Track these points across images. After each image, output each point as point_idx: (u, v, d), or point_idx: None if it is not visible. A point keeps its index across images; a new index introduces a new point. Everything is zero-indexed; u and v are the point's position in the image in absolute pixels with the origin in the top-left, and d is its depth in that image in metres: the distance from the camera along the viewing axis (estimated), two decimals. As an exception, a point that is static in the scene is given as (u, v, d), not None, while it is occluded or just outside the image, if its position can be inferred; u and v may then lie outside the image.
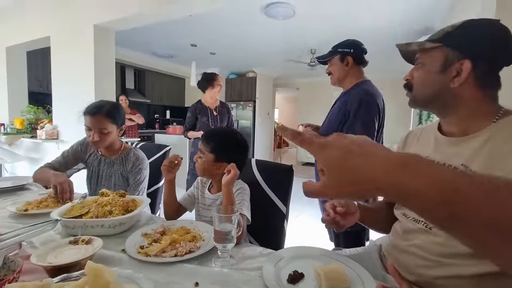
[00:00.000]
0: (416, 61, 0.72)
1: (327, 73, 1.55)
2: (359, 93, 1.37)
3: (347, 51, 1.46)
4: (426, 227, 0.69)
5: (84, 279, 0.50)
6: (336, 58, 1.47)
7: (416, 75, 0.72)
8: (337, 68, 1.48)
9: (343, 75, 1.48)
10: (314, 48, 4.48)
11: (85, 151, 1.44)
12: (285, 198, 1.09)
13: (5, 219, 0.98)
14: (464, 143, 0.66)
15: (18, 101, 3.59)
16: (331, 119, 1.46)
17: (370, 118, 1.32)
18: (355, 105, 1.33)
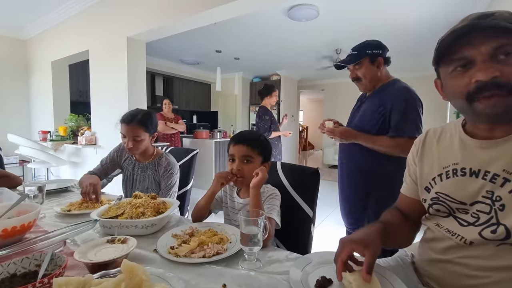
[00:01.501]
0: (502, 50, 0.52)
1: (354, 77, 1.42)
2: (402, 92, 1.29)
3: (376, 52, 1.37)
4: (464, 243, 0.63)
5: (120, 276, 0.53)
6: (367, 61, 1.37)
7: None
8: (368, 72, 1.37)
9: (376, 78, 1.38)
10: (340, 48, 4.39)
11: (120, 156, 1.54)
12: (311, 202, 1.08)
13: (52, 218, 1.07)
14: (500, 146, 0.59)
15: (62, 110, 3.94)
16: (365, 119, 1.37)
17: (419, 116, 1.27)
18: (400, 105, 1.26)
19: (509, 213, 0.56)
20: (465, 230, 0.63)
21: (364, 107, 1.42)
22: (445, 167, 0.68)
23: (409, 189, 0.80)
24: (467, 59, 0.55)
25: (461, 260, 0.64)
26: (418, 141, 0.79)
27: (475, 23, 0.54)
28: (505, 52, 0.51)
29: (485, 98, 0.53)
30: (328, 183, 5.08)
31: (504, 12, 0.54)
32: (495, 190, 0.58)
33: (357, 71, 1.39)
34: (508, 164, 0.57)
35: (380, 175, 1.35)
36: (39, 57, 4.04)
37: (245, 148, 0.99)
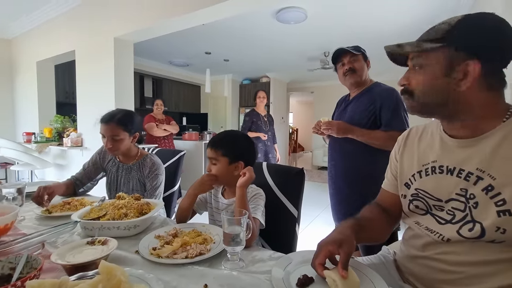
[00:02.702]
0: (412, 63, 0.66)
1: (347, 69, 1.47)
2: (391, 92, 1.41)
3: (366, 54, 1.50)
4: (442, 240, 0.65)
5: (98, 278, 0.53)
6: (361, 57, 1.48)
7: (417, 80, 0.64)
8: (362, 66, 1.47)
9: (365, 76, 1.50)
10: (328, 51, 4.45)
11: (103, 159, 1.51)
12: (296, 202, 1.09)
13: (32, 221, 1.04)
14: (475, 146, 0.61)
15: (47, 111, 3.84)
16: (355, 117, 1.44)
17: (406, 114, 1.37)
18: (391, 102, 1.37)
19: (483, 211, 0.58)
20: (443, 228, 0.65)
21: (353, 107, 1.49)
22: (424, 164, 0.71)
23: (390, 185, 0.83)
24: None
25: (438, 256, 0.66)
26: (401, 138, 0.82)
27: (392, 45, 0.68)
28: (415, 65, 0.65)
29: (404, 98, 0.70)
30: (318, 185, 5.13)
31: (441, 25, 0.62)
32: (469, 188, 0.61)
33: (354, 63, 1.47)
34: (482, 163, 0.59)
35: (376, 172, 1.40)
36: (24, 57, 3.93)
37: (210, 150, 1.03)
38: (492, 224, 0.56)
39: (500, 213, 0.55)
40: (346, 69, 1.47)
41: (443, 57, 0.60)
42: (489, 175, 0.58)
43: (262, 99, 3.50)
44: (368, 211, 0.82)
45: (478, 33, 0.58)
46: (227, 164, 1.01)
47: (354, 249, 0.64)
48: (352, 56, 1.46)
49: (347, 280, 0.61)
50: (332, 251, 0.63)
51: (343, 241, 0.63)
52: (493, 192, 0.57)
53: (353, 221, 0.73)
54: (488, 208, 0.57)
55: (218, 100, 6.61)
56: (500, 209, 0.56)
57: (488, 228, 0.57)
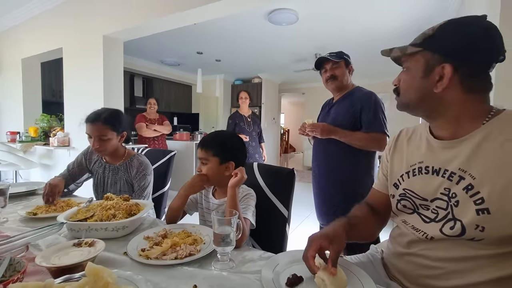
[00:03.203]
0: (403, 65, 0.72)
1: (329, 75, 1.54)
2: (370, 95, 1.48)
3: (349, 60, 1.57)
4: (426, 238, 0.67)
5: (84, 280, 0.52)
6: (343, 63, 1.54)
7: (402, 80, 0.71)
8: (343, 73, 1.54)
9: (346, 81, 1.57)
10: (319, 52, 4.50)
11: (89, 160, 1.47)
12: (287, 202, 1.09)
13: (15, 223, 1.01)
14: (457, 147, 0.64)
15: (33, 110, 3.72)
16: (338, 120, 1.51)
17: (384, 116, 1.46)
18: (370, 105, 1.45)
19: (463, 209, 0.61)
20: (428, 226, 0.67)
21: (336, 110, 1.57)
22: (412, 165, 0.73)
23: (381, 185, 0.86)
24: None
25: (422, 252, 0.69)
26: (391, 139, 0.85)
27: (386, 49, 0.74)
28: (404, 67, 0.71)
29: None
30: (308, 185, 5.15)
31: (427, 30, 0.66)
32: (451, 187, 0.63)
33: (335, 70, 1.54)
34: (463, 163, 0.62)
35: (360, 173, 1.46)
36: (8, 54, 3.81)
37: (200, 150, 1.03)
38: (472, 222, 0.59)
39: (479, 211, 0.58)
40: (328, 76, 1.56)
41: (422, 60, 0.65)
42: (470, 174, 0.60)
43: (244, 100, 3.48)
44: (358, 211, 0.84)
45: (454, 38, 0.61)
46: (218, 164, 1.01)
47: (344, 246, 0.66)
48: (333, 64, 1.54)
49: (336, 279, 0.62)
50: (323, 246, 0.64)
51: (335, 237, 0.65)
52: (472, 191, 0.59)
53: (345, 220, 0.75)
54: (468, 207, 0.60)
55: (209, 100, 6.58)
56: (479, 208, 0.58)
57: (468, 226, 0.59)
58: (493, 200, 0.56)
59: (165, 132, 3.70)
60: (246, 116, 3.49)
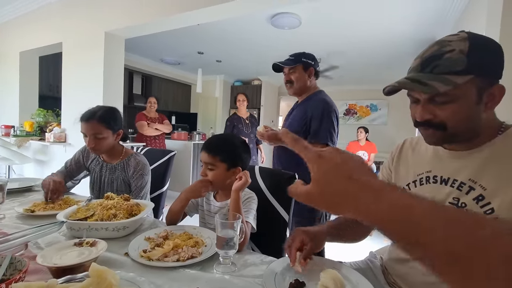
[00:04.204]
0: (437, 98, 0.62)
1: (288, 80, 1.56)
2: (321, 102, 1.48)
3: (310, 62, 1.53)
4: None
5: (88, 281, 0.51)
6: (300, 67, 1.52)
7: (448, 113, 0.61)
8: (300, 77, 1.53)
9: (305, 85, 1.55)
10: (319, 57, 4.52)
11: (86, 157, 1.45)
12: (287, 206, 1.09)
13: (12, 220, 1.00)
14: (467, 157, 0.66)
15: (29, 104, 3.67)
16: (294, 124, 1.53)
17: (333, 125, 1.45)
18: (318, 114, 1.44)
19: None
20: None
21: (294, 115, 1.58)
22: (419, 174, 0.74)
23: None
24: (415, 98, 0.67)
25: None
26: (395, 149, 0.86)
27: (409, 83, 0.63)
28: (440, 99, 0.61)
29: (422, 130, 0.67)
30: (305, 189, 5.17)
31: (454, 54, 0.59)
32: (461, 197, 0.64)
33: (291, 74, 1.54)
34: (473, 174, 0.63)
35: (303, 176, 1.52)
36: (6, 47, 3.75)
37: (207, 155, 1.00)
38: None
39: None
40: (285, 81, 1.58)
41: (473, 86, 0.59)
42: (480, 185, 0.62)
43: (242, 102, 3.51)
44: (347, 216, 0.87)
45: (493, 58, 0.61)
46: (225, 170, 1.00)
47: (321, 249, 0.77)
48: (290, 68, 1.54)
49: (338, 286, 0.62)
50: (305, 241, 0.74)
51: (315, 238, 0.75)
52: (483, 202, 0.61)
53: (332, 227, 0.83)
54: None
55: (208, 101, 6.57)
56: None
57: None
58: (503, 211, 0.58)
59: (166, 131, 3.70)
60: (244, 118, 3.51)
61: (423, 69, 0.62)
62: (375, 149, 4.34)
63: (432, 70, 0.60)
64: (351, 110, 6.89)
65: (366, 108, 6.72)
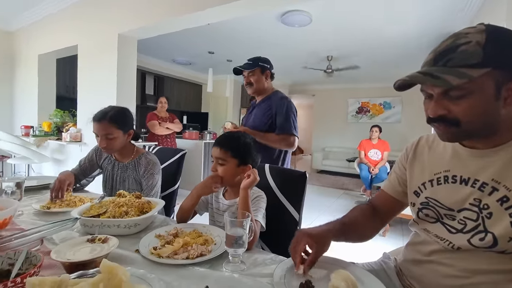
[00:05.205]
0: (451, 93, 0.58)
1: (247, 82, 1.76)
2: (283, 100, 1.68)
3: (266, 66, 1.74)
4: (452, 247, 0.65)
5: (99, 277, 0.52)
6: (258, 71, 1.72)
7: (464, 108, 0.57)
8: (259, 79, 1.73)
9: (263, 86, 1.75)
10: (331, 55, 4.46)
11: (99, 156, 1.48)
12: (298, 205, 1.08)
13: (29, 216, 1.03)
14: (489, 156, 0.62)
15: (47, 105, 3.80)
16: (256, 121, 1.72)
17: (295, 118, 1.66)
18: (282, 110, 1.64)
19: (497, 221, 0.58)
20: (454, 236, 0.65)
21: (256, 112, 1.76)
22: (436, 173, 0.71)
23: (391, 187, 0.84)
24: (428, 93, 0.63)
25: (446, 260, 0.67)
26: (410, 146, 0.81)
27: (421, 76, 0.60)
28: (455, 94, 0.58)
29: (435, 126, 0.63)
30: (316, 188, 5.12)
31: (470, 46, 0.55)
32: (482, 198, 0.61)
33: (251, 77, 1.74)
34: (497, 174, 0.60)
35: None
36: (25, 50, 3.90)
37: (219, 150, 1.01)
38: (505, 235, 0.57)
39: None
40: (245, 83, 1.77)
41: (491, 80, 0.55)
42: (505, 186, 0.58)
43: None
44: (359, 212, 0.85)
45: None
46: (236, 166, 1.00)
47: (325, 251, 0.71)
48: (249, 72, 1.73)
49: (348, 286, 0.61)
50: (309, 244, 0.69)
51: (320, 241, 0.70)
52: (508, 203, 0.57)
53: (338, 226, 0.77)
54: (502, 219, 0.58)
55: (219, 100, 6.61)
56: None
57: (500, 238, 0.57)
58: None
59: (177, 130, 3.75)
60: None
61: (436, 62, 0.59)
62: (388, 147, 4.23)
63: (446, 63, 0.57)
64: (363, 108, 6.76)
65: (379, 106, 6.58)
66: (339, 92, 6.97)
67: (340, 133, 7.11)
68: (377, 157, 4.24)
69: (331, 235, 0.73)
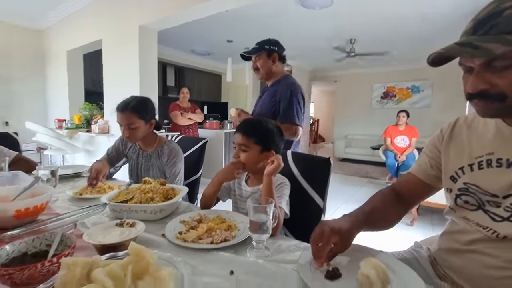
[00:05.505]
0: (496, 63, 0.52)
1: (253, 68, 1.69)
2: (289, 86, 1.57)
3: (273, 48, 1.64)
4: (496, 237, 0.59)
5: (128, 259, 0.53)
6: (264, 55, 1.64)
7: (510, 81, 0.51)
8: (265, 64, 1.64)
9: (270, 70, 1.66)
10: (354, 37, 4.25)
11: (125, 145, 1.53)
12: (322, 192, 1.05)
13: (64, 202, 1.09)
14: None
15: (77, 99, 4.01)
16: (263, 107, 1.66)
17: (300, 106, 1.56)
18: (286, 96, 1.55)
19: None
20: (499, 225, 0.60)
21: (264, 98, 1.69)
22: (477, 157, 0.64)
23: (421, 170, 0.79)
24: (467, 67, 0.56)
25: (489, 250, 0.61)
26: (446, 127, 0.74)
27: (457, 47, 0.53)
28: (499, 64, 0.51)
29: (475, 103, 0.57)
30: (338, 176, 5.02)
31: None
32: None
33: (257, 62, 1.66)
34: None
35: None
36: (55, 47, 4.10)
37: (241, 136, 0.99)
38: None
39: None
40: (253, 68, 1.70)
41: None
42: None
43: None
44: (380, 200, 0.80)
45: None
46: (259, 153, 0.99)
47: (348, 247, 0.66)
48: (256, 56, 1.66)
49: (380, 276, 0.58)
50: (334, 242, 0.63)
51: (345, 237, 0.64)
52: None
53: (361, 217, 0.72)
54: None
55: (238, 89, 6.59)
56: None
57: None
58: None
59: (198, 120, 3.81)
60: None
61: (476, 31, 0.52)
62: (416, 133, 4.01)
63: (489, 30, 0.51)
64: (389, 93, 6.44)
65: (406, 90, 6.23)
66: (363, 77, 6.66)
67: (364, 119, 6.85)
68: (404, 144, 4.04)
69: (356, 230, 0.68)
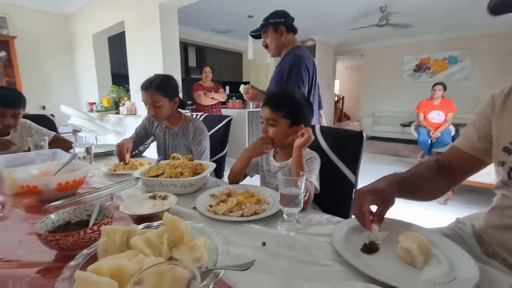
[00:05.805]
0: None
1: (264, 45, 1.63)
2: (291, 59, 1.50)
3: (279, 21, 1.54)
4: None
5: (163, 228, 0.54)
6: (271, 30, 1.56)
7: None
8: (273, 39, 1.57)
9: (281, 45, 1.58)
10: (385, 5, 3.91)
11: (152, 124, 1.56)
12: (354, 166, 1.00)
13: (100, 177, 1.15)
14: None
15: (104, 82, 4.15)
16: (272, 83, 1.61)
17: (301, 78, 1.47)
18: (287, 66, 1.48)
19: None
20: None
21: (274, 71, 1.62)
22: None
23: (467, 143, 0.73)
24: None
25: None
26: (497, 94, 0.66)
27: None
28: None
29: None
30: (366, 155, 4.84)
31: None
32: None
33: (266, 39, 1.60)
34: None
35: None
36: (80, 31, 4.21)
37: (269, 110, 0.95)
38: None
39: None
40: (264, 46, 1.64)
41: None
42: None
43: None
44: (421, 169, 0.76)
45: None
46: (287, 127, 0.95)
47: (392, 205, 0.64)
48: (264, 32, 1.60)
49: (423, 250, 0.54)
50: (376, 202, 0.62)
51: (387, 194, 0.63)
52: None
53: (399, 177, 0.70)
54: None
55: (260, 68, 6.45)
56: None
57: None
58: None
59: (221, 100, 3.79)
60: None
61: None
62: (453, 107, 3.70)
63: None
64: (422, 65, 5.96)
65: (442, 61, 5.72)
66: (393, 49, 6.19)
67: (393, 95, 6.46)
68: (439, 120, 3.77)
69: (395, 187, 0.65)
